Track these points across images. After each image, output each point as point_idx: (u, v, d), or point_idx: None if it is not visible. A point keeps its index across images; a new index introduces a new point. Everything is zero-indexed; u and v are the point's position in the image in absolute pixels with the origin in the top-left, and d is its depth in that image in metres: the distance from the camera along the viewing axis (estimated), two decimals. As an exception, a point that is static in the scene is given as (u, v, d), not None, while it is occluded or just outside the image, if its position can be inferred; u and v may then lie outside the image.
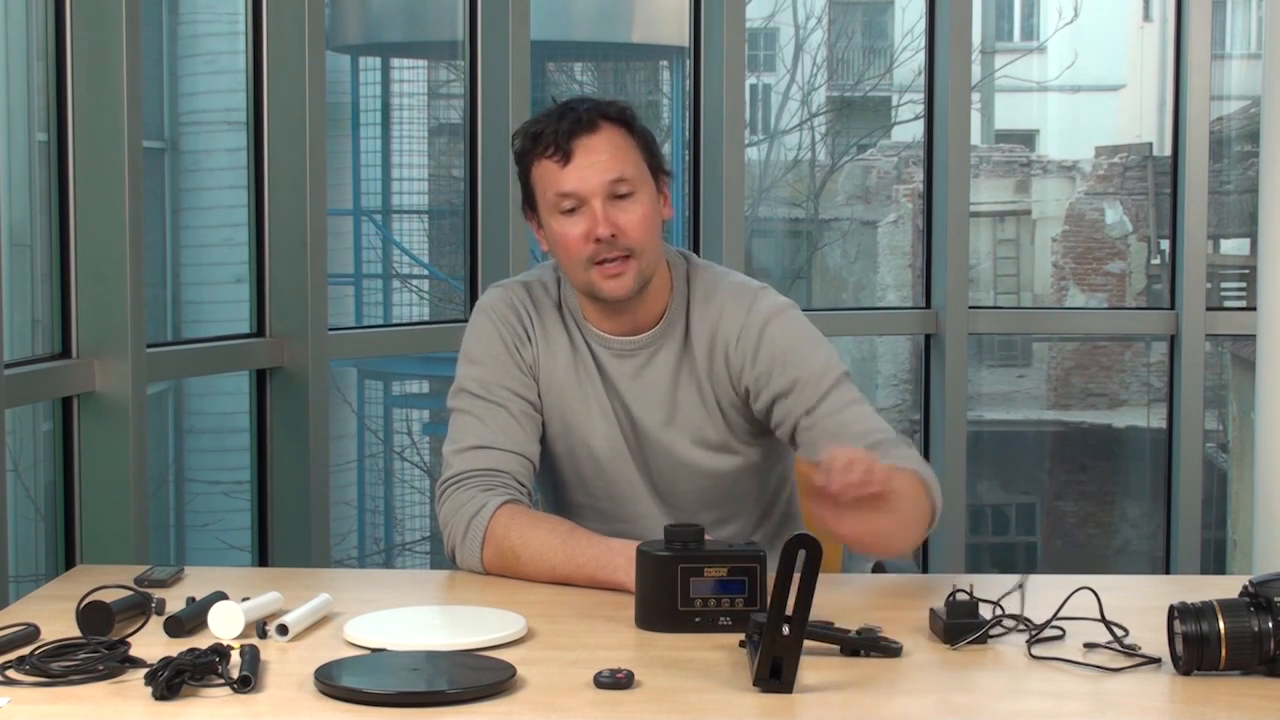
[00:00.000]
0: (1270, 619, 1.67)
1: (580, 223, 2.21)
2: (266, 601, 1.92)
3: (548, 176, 2.23)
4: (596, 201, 2.20)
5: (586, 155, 2.20)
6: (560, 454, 2.36)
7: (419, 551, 7.74)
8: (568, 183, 2.21)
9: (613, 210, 2.20)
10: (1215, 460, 7.27)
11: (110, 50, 2.95)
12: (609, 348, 2.32)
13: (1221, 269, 7.33)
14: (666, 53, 7.76)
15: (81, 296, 2.99)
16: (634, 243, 2.21)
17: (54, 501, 3.07)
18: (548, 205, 2.24)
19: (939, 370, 4.26)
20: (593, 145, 2.21)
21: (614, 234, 2.19)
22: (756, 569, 1.90)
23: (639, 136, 2.26)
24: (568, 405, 2.33)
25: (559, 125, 2.22)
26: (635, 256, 2.22)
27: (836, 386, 2.26)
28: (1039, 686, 1.71)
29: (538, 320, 2.34)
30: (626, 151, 2.23)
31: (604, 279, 2.22)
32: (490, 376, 2.31)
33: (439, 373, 7.20)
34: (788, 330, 2.30)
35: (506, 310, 2.35)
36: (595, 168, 2.20)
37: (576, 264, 2.23)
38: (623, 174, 2.21)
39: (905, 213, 8.88)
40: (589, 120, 2.22)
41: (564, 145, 2.20)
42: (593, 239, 2.20)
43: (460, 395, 2.32)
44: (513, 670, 1.68)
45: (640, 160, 2.24)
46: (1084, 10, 9.42)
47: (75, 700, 1.63)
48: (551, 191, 2.23)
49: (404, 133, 7.77)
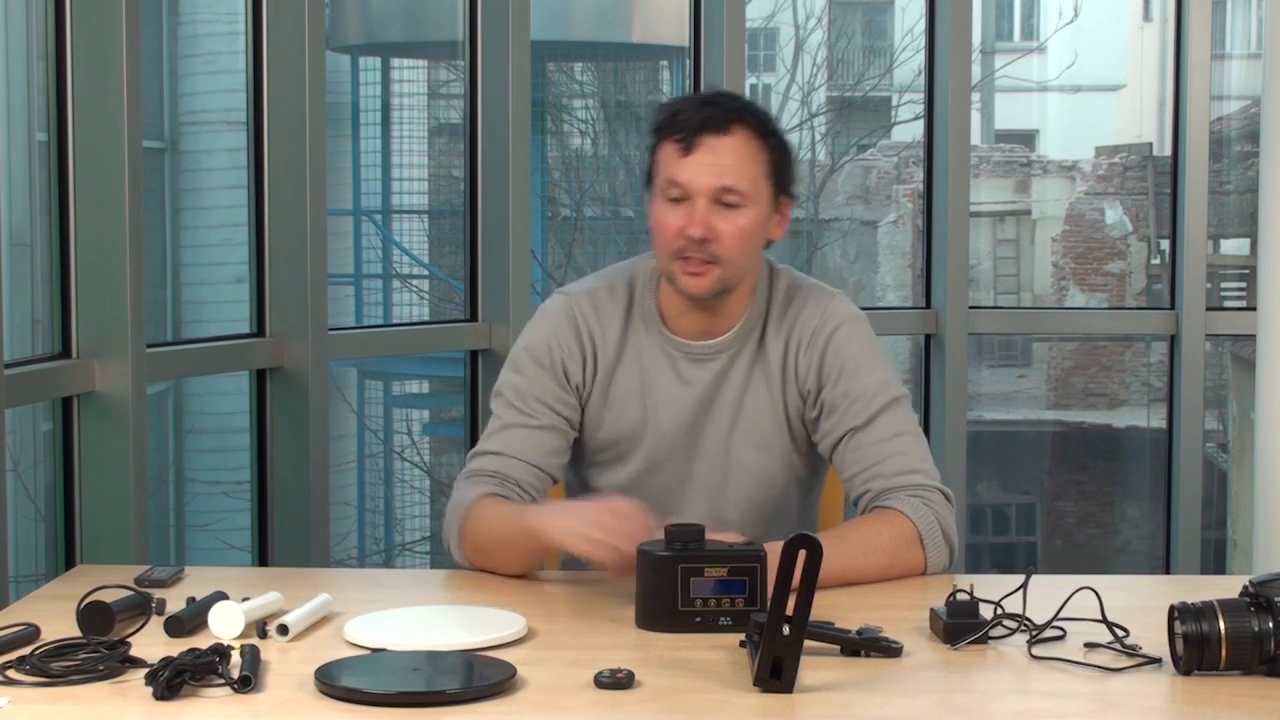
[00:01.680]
0: (1270, 619, 1.67)
1: (680, 215, 2.20)
2: (266, 601, 1.92)
3: (666, 160, 2.22)
4: (701, 201, 2.18)
5: (707, 153, 2.19)
6: (604, 463, 2.36)
7: (419, 551, 7.74)
8: (680, 173, 2.19)
9: (714, 215, 2.19)
10: (1215, 460, 7.27)
11: (110, 50, 2.95)
12: (686, 352, 2.31)
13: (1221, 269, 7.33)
14: (666, 53, 7.76)
15: (81, 296, 2.99)
16: (724, 252, 2.20)
17: (54, 501, 3.07)
18: (659, 186, 2.23)
19: (939, 370, 4.26)
20: (717, 146, 2.19)
21: (705, 238, 2.18)
22: (756, 569, 1.90)
23: (771, 150, 2.23)
24: (625, 415, 2.32)
25: (694, 115, 2.20)
26: (719, 264, 2.20)
27: (886, 410, 2.25)
28: (1039, 687, 1.71)
29: (600, 332, 2.32)
30: (749, 162, 2.20)
31: (683, 273, 2.22)
32: (528, 388, 2.30)
33: (439, 373, 7.21)
34: (853, 340, 2.29)
35: (565, 323, 2.32)
36: (710, 169, 2.18)
37: (665, 251, 2.23)
38: (735, 184, 2.19)
39: (905, 213, 8.88)
40: (724, 120, 2.20)
41: (690, 136, 2.19)
42: (684, 235, 2.19)
43: (497, 399, 2.33)
44: (513, 670, 1.68)
45: (762, 175, 2.22)
46: (1084, 10, 9.42)
47: (75, 700, 1.63)
48: (664, 176, 2.21)
49: (404, 133, 7.77)
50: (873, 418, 2.25)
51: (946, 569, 2.21)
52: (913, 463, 2.24)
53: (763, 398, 2.31)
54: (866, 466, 2.24)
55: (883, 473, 2.23)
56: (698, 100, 2.24)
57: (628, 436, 2.33)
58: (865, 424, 2.25)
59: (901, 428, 2.26)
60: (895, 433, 2.25)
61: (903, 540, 2.17)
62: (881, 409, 2.26)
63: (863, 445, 2.25)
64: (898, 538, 2.17)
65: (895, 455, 2.24)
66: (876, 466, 2.24)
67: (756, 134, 2.21)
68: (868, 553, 2.14)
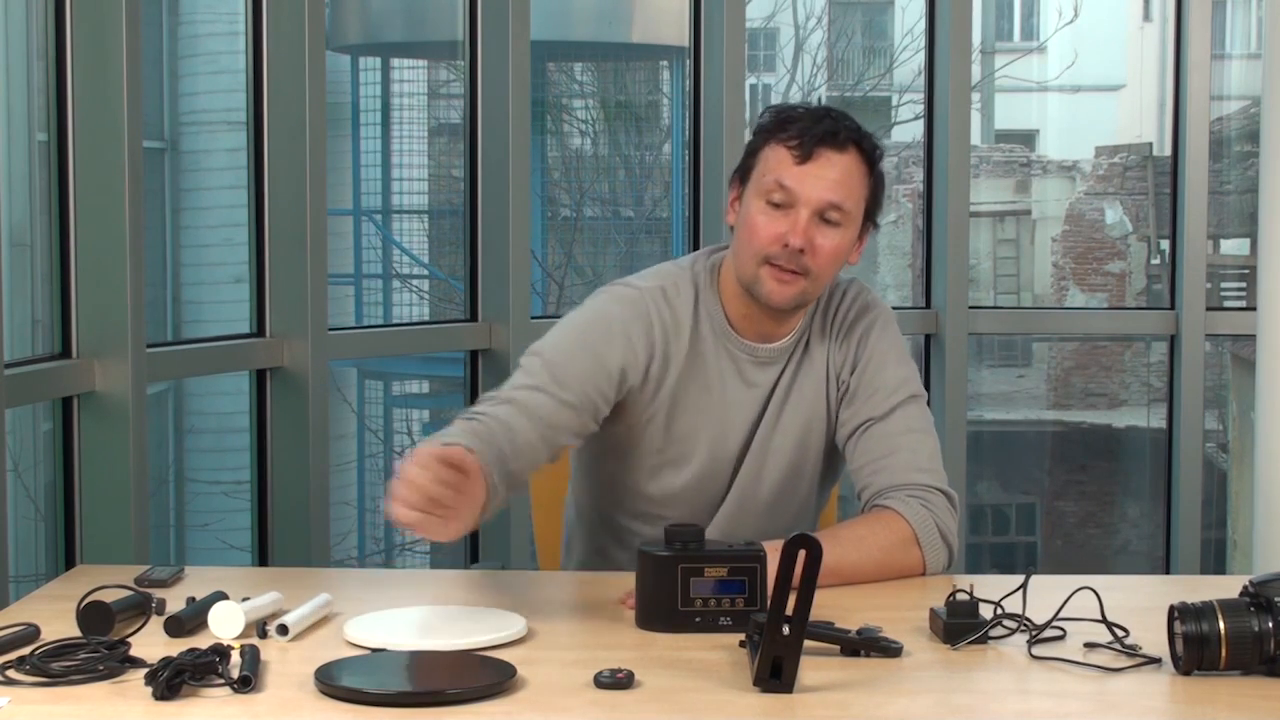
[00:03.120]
0: (1270, 619, 1.67)
1: (781, 222, 2.19)
2: (266, 601, 1.92)
3: (777, 163, 2.20)
4: (805, 212, 2.18)
5: (823, 166, 2.19)
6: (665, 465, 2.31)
7: (419, 551, 7.74)
8: (792, 179, 2.18)
9: (815, 229, 2.19)
10: (1215, 460, 7.26)
11: (110, 50, 2.95)
12: (752, 355, 2.30)
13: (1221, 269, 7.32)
14: (666, 53, 7.75)
15: (81, 296, 2.99)
16: (816, 266, 2.20)
17: (54, 501, 3.07)
18: (761, 188, 2.21)
19: (939, 370, 4.26)
20: (833, 161, 2.19)
21: (803, 250, 2.18)
22: (756, 569, 1.90)
23: (874, 179, 2.25)
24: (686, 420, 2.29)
25: (814, 125, 2.20)
26: (808, 277, 2.21)
27: (905, 405, 2.28)
28: (1039, 687, 1.71)
29: (675, 332, 2.28)
30: (857, 185, 2.22)
31: (771, 279, 2.20)
32: (570, 364, 2.21)
33: (439, 373, 7.20)
34: (884, 336, 2.33)
35: (636, 319, 2.26)
36: (823, 182, 2.18)
37: (753, 254, 2.21)
38: (843, 202, 2.19)
39: (905, 213, 8.88)
40: (843, 138, 2.20)
41: (808, 145, 2.19)
42: (781, 243, 2.18)
43: (534, 358, 2.23)
44: (513, 670, 1.68)
45: (862, 201, 2.23)
46: (1084, 10, 9.41)
47: (75, 700, 1.63)
48: (772, 178, 2.20)
49: (404, 133, 7.77)
50: (890, 410, 2.27)
51: (945, 571, 2.21)
52: (920, 461, 2.25)
53: (809, 395, 2.32)
54: (875, 459, 2.25)
55: (888, 467, 2.24)
56: (816, 112, 2.24)
57: (689, 438, 2.30)
58: (883, 416, 2.27)
59: (916, 425, 2.28)
60: (909, 429, 2.27)
61: (897, 541, 2.17)
62: (900, 403, 2.28)
63: (876, 436, 2.26)
64: (892, 538, 2.17)
65: (904, 451, 2.25)
66: (884, 460, 2.24)
67: (865, 159, 2.24)
68: (860, 551, 2.14)
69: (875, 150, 2.26)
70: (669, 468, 2.31)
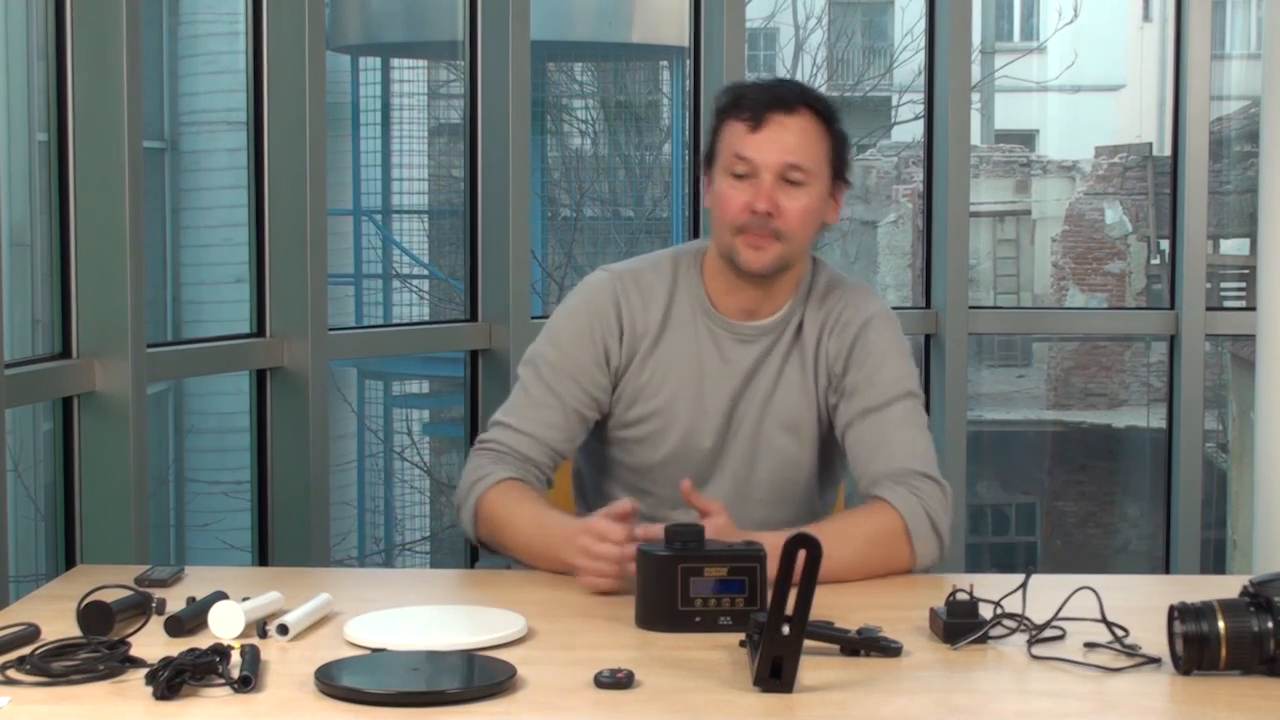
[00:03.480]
0: (1270, 619, 1.67)
1: (745, 191, 2.23)
2: (266, 601, 1.92)
3: (733, 137, 2.25)
4: (767, 176, 2.22)
5: (776, 130, 2.22)
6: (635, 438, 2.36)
7: (419, 551, 7.75)
8: (748, 148, 2.23)
9: (779, 192, 2.22)
10: (1215, 460, 7.27)
11: (110, 50, 2.95)
12: (731, 331, 2.33)
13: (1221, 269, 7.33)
14: (666, 53, 7.76)
15: (81, 296, 2.99)
16: (786, 228, 2.23)
17: (54, 501, 3.07)
18: (723, 164, 2.26)
19: (939, 370, 4.26)
20: (785, 123, 2.23)
21: (770, 213, 2.22)
22: (756, 569, 1.90)
23: (834, 135, 2.28)
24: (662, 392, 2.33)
25: (762, 94, 2.25)
26: (782, 240, 2.24)
27: (901, 400, 2.28)
28: (1039, 686, 1.71)
29: (643, 308, 2.34)
30: (815, 143, 2.25)
31: (745, 247, 2.24)
32: (563, 363, 2.32)
33: (439, 373, 7.21)
34: (884, 334, 2.33)
35: (607, 301, 2.35)
36: (778, 145, 2.22)
37: (726, 227, 2.26)
38: (801, 162, 2.23)
39: (905, 213, 8.89)
40: (791, 101, 2.24)
41: (759, 113, 2.23)
42: (749, 210, 2.22)
43: (527, 367, 2.35)
44: (513, 670, 1.68)
45: (824, 158, 2.26)
46: (1084, 10, 9.42)
47: (75, 700, 1.63)
48: (731, 152, 2.24)
49: (404, 133, 7.77)
50: (888, 403, 2.28)
51: (936, 561, 2.21)
52: (913, 451, 2.25)
53: (796, 381, 2.33)
54: (869, 447, 2.26)
55: (882, 455, 2.24)
56: (765, 83, 2.29)
57: (663, 412, 2.34)
58: (880, 406, 2.27)
59: (912, 420, 2.29)
60: (905, 421, 2.28)
61: (883, 531, 2.17)
62: (898, 397, 2.28)
63: (872, 426, 2.27)
64: (878, 529, 2.17)
65: (900, 441, 2.25)
66: (880, 449, 2.25)
67: (821, 117, 2.26)
68: (843, 544, 2.11)
69: (830, 108, 2.28)
70: (648, 441, 2.35)
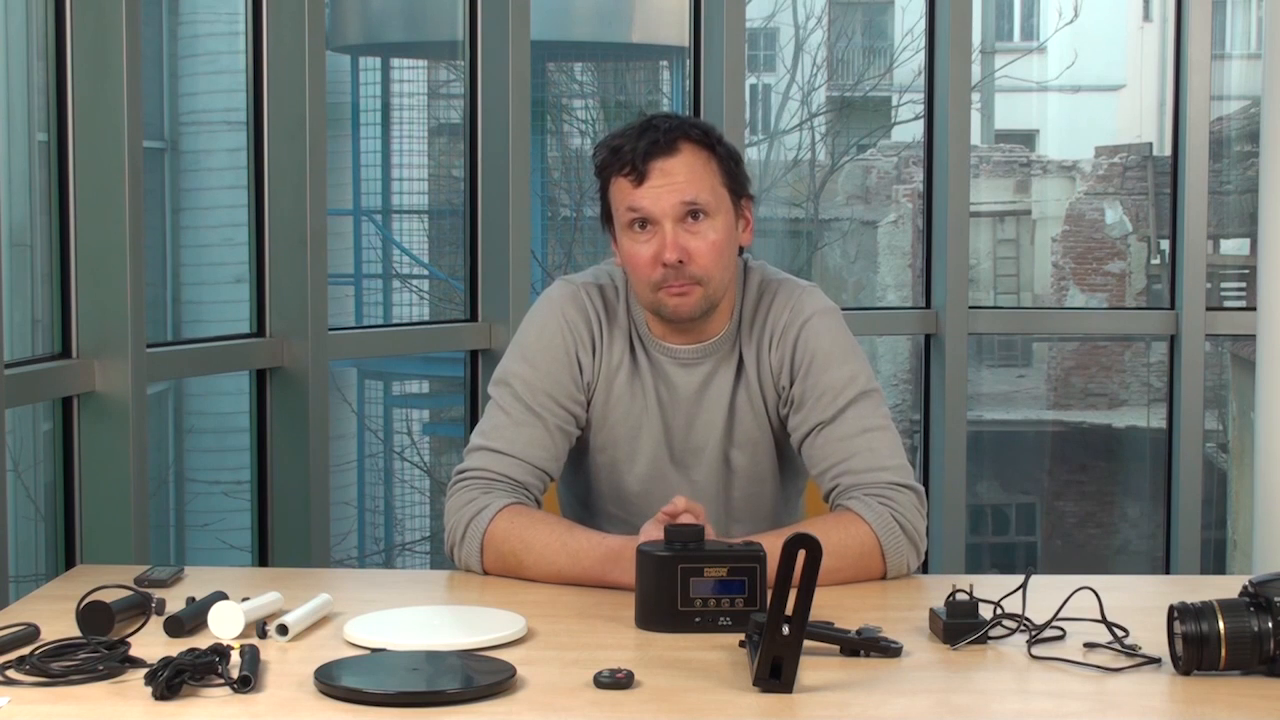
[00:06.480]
0: (1270, 619, 1.67)
1: (651, 244, 2.19)
2: (266, 601, 1.92)
3: (622, 194, 2.21)
4: (668, 224, 2.18)
5: (661, 177, 2.18)
6: (602, 464, 2.34)
7: (419, 551, 7.74)
8: (640, 201, 2.19)
9: (684, 234, 2.18)
10: (1215, 460, 7.26)
11: (110, 50, 2.95)
12: (674, 358, 2.30)
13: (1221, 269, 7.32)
14: (666, 53, 7.75)
15: (81, 296, 2.99)
16: (703, 271, 2.19)
17: (54, 501, 3.07)
18: (622, 222, 2.22)
19: (939, 370, 4.26)
20: (669, 167, 2.19)
21: (682, 260, 2.18)
22: (756, 569, 1.90)
23: (720, 159, 2.23)
24: (621, 418, 2.31)
25: (637, 144, 2.19)
26: (702, 284, 2.20)
27: (854, 404, 2.23)
28: (1039, 687, 1.71)
29: (606, 327, 2.31)
30: (704, 175, 2.20)
31: (669, 297, 2.21)
32: (538, 382, 2.28)
33: (439, 373, 7.21)
34: (822, 333, 2.28)
35: (576, 313, 2.31)
36: (669, 190, 2.18)
37: (644, 284, 2.22)
38: (696, 198, 2.19)
39: (905, 213, 8.88)
40: (668, 141, 2.19)
41: (640, 165, 2.18)
42: (660, 263, 2.18)
43: (502, 388, 2.30)
44: (513, 670, 1.68)
45: (719, 184, 2.22)
46: (1084, 10, 9.41)
47: (75, 700, 1.63)
48: (624, 207, 2.21)
49: (404, 133, 7.77)
50: (840, 412, 2.23)
51: (912, 569, 2.20)
52: (881, 459, 2.22)
53: (744, 399, 2.31)
54: (834, 463, 2.23)
55: (850, 469, 2.21)
56: (636, 130, 2.23)
57: (627, 438, 2.32)
58: (832, 419, 2.23)
59: (870, 423, 2.24)
60: (863, 428, 2.23)
61: (854, 543, 2.14)
62: (849, 403, 2.24)
63: (830, 441, 2.23)
64: (848, 540, 2.14)
65: (862, 452, 2.21)
66: (843, 464, 2.22)
67: (702, 146, 2.22)
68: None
69: (709, 133, 2.24)
70: (618, 467, 2.33)
